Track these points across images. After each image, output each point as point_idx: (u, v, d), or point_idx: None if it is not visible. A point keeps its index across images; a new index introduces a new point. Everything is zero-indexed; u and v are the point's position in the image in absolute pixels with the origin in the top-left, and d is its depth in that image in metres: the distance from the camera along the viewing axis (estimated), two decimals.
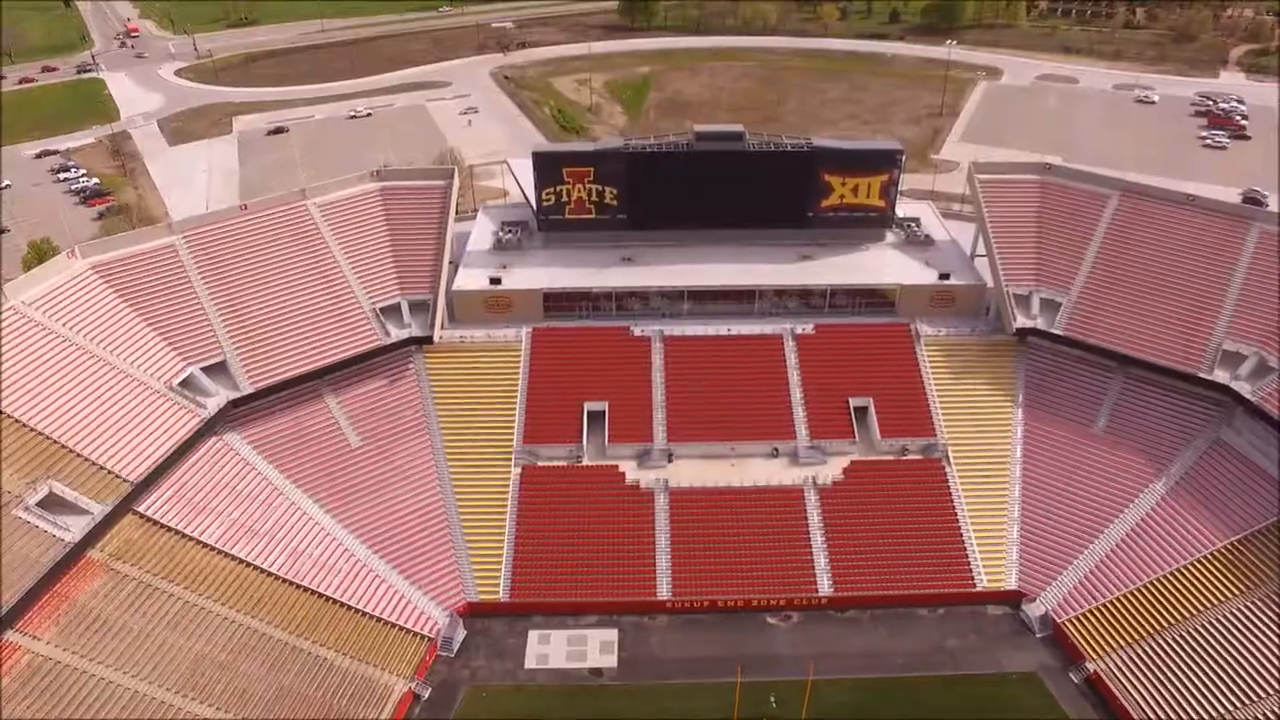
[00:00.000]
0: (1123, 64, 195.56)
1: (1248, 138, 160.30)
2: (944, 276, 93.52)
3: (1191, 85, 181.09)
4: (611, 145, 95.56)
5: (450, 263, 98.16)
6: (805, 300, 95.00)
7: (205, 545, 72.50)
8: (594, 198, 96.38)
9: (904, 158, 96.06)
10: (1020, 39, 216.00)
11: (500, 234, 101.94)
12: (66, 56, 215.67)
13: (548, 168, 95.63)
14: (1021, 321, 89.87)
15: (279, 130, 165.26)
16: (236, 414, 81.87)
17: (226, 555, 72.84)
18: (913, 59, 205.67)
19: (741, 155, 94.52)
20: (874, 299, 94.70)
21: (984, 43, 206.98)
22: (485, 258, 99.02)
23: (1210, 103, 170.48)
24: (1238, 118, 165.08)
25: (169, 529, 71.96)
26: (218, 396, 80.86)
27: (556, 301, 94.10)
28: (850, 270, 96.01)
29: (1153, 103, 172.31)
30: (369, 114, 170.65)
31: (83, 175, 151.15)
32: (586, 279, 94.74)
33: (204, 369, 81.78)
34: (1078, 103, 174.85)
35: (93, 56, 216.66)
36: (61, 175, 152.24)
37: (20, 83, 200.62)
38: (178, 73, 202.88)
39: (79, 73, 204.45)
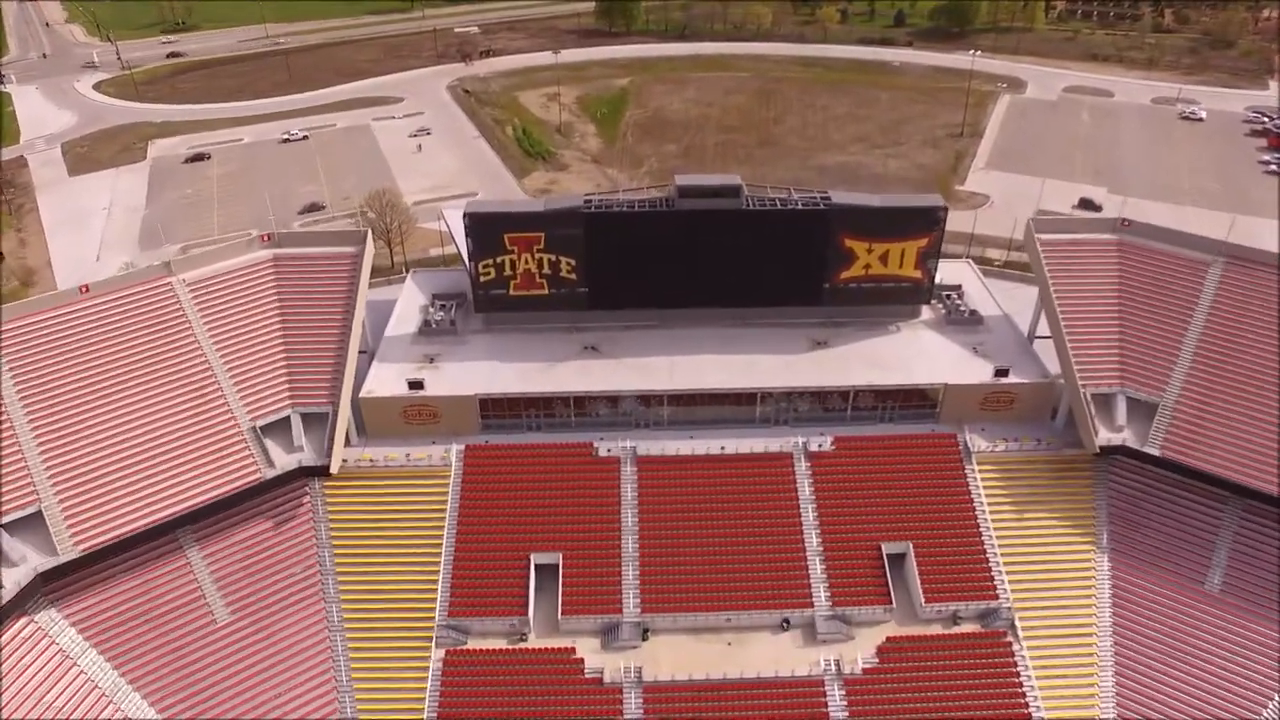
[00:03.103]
0: (1158, 73, 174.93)
1: None
2: (1001, 373, 72.00)
3: (1239, 98, 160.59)
4: (567, 203, 73.59)
5: (362, 352, 76.37)
6: (821, 403, 73.43)
7: None
8: (546, 270, 74.50)
9: (946, 216, 74.43)
10: (1040, 44, 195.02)
11: (430, 312, 79.91)
12: None
13: (485, 232, 73.68)
14: (1106, 437, 68.61)
15: (199, 157, 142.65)
16: (58, 581, 60.05)
17: None
18: (923, 67, 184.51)
19: (739, 216, 72.82)
20: (910, 401, 73.26)
21: (1001, 49, 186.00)
22: (408, 348, 76.94)
23: (1266, 119, 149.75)
24: None
25: None
26: (23, 566, 58.88)
27: (497, 409, 72.33)
28: (878, 363, 74.41)
29: (1200, 119, 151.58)
30: (304, 137, 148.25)
31: None
32: (536, 379, 72.89)
33: (7, 525, 59.77)
34: (1114, 120, 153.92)
35: None
36: None
37: None
38: (97, 86, 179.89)
39: None
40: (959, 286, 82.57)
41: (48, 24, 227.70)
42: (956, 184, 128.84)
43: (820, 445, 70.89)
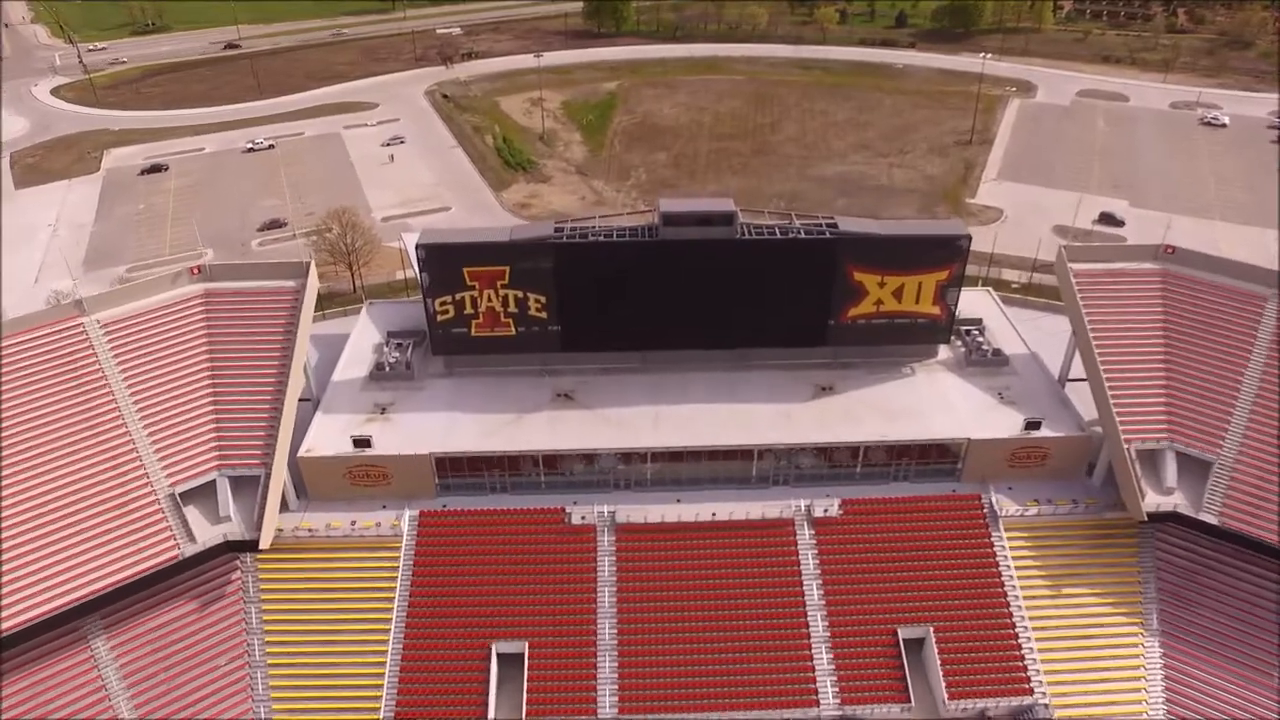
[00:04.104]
0: (1175, 76, 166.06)
1: None
2: (1033, 425, 62.93)
3: (1261, 103, 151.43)
4: (535, 232, 64.46)
5: (306, 400, 67.27)
6: (827, 459, 64.35)
7: None
8: (512, 308, 65.28)
9: (970, 245, 65.31)
10: (1049, 46, 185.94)
11: (385, 353, 70.69)
12: None
13: (442, 265, 64.42)
14: (1154, 501, 59.70)
15: (156, 168, 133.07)
16: None
17: None
18: (927, 70, 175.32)
19: (732, 247, 63.66)
20: (927, 457, 64.21)
21: (1009, 51, 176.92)
22: (357, 395, 67.73)
23: None
24: None
25: None
26: None
27: (456, 469, 63.12)
28: (891, 412, 65.31)
29: (1223, 125, 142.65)
30: (270, 146, 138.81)
31: None
32: (501, 434, 63.69)
33: None
34: (1132, 126, 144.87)
35: None
36: None
37: None
38: (55, 91, 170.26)
39: None
40: (979, 321, 73.51)
41: (8, 24, 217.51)
42: (967, 196, 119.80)
43: (826, 510, 61.82)
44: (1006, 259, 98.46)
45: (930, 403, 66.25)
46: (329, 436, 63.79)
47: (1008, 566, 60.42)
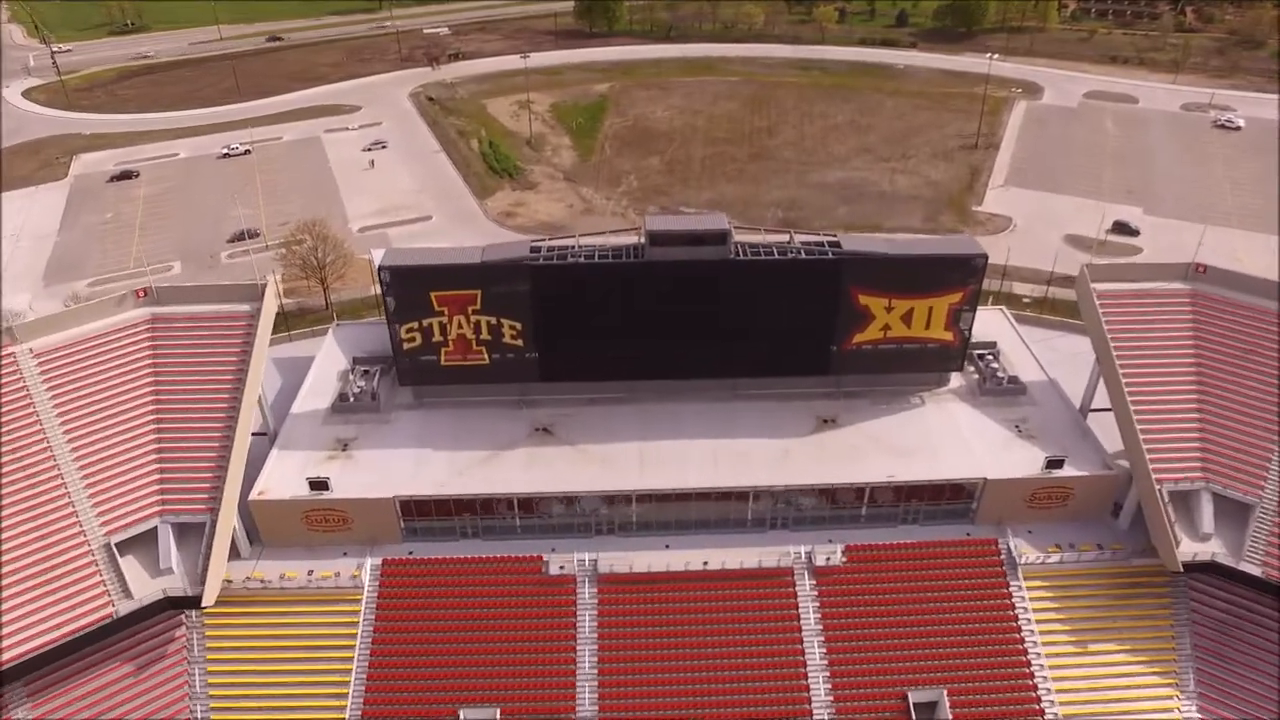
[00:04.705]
0: (1185, 77, 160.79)
1: None
2: (1055, 463, 57.46)
3: (1275, 104, 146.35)
4: (510, 254, 58.67)
5: (262, 434, 61.81)
6: (830, 500, 58.86)
7: None
8: (485, 335, 59.71)
9: (986, 266, 59.80)
10: (1054, 45, 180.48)
11: (350, 381, 65.11)
12: None
13: (408, 290, 58.83)
14: (1189, 550, 54.27)
15: (126, 175, 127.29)
16: None
17: None
18: (929, 71, 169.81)
19: (725, 269, 58.09)
20: (939, 497, 58.73)
21: (1013, 50, 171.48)
22: (318, 429, 62.18)
23: None
24: None
25: None
26: None
27: (423, 512, 57.57)
28: (899, 448, 59.84)
29: (1237, 128, 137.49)
30: (246, 151, 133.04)
31: None
32: (474, 473, 58.16)
33: None
34: (1142, 129, 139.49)
35: None
36: None
37: None
38: (26, 94, 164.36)
39: None
40: (994, 345, 68.04)
41: None
42: (974, 204, 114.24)
43: (829, 558, 56.35)
44: (1017, 271, 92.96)
45: (942, 437, 60.79)
46: (285, 476, 58.22)
47: (1028, 620, 55.04)
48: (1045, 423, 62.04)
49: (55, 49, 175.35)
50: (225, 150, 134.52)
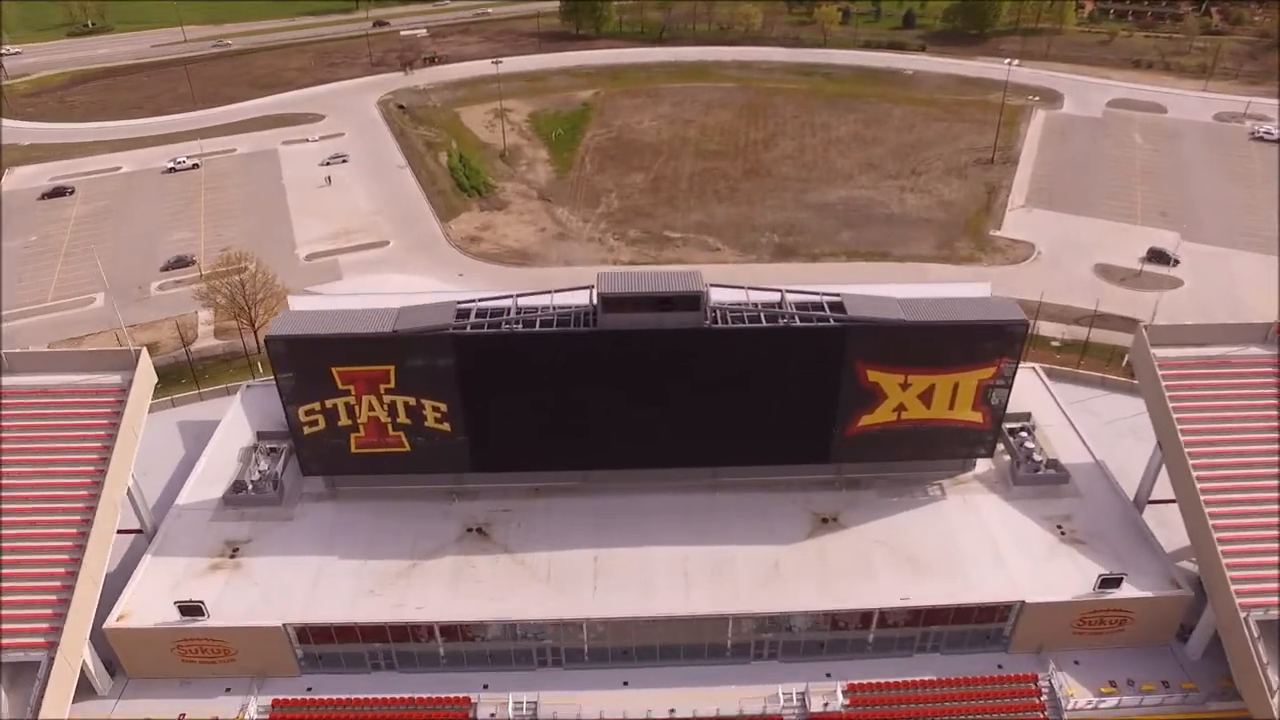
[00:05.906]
0: (1216, 84, 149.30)
1: None
2: (1111, 583, 46.01)
3: None
4: (429, 321, 47.00)
5: (139, 532, 50.58)
6: (830, 623, 47.39)
7: None
8: (402, 419, 48.28)
9: (1026, 334, 48.33)
10: (1073, 49, 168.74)
11: (250, 463, 53.77)
12: None
13: (304, 364, 47.36)
14: None
15: (59, 191, 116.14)
16: None
17: None
18: (940, 77, 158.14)
19: (699, 339, 46.63)
20: (965, 620, 47.32)
21: (1029, 54, 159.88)
22: (205, 527, 50.84)
23: None
24: None
25: None
26: None
27: (324, 639, 46.18)
28: (916, 559, 48.43)
29: (1276, 140, 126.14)
30: (194, 165, 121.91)
31: None
32: (388, 591, 46.75)
33: None
34: (1174, 142, 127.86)
35: None
36: None
37: None
38: None
39: None
40: (1028, 417, 56.63)
41: None
42: (992, 228, 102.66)
43: (827, 703, 44.92)
44: (1044, 309, 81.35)
45: (968, 543, 49.38)
46: (155, 593, 46.94)
47: None
48: (1094, 521, 50.65)
49: (4, 50, 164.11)
50: (171, 164, 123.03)
